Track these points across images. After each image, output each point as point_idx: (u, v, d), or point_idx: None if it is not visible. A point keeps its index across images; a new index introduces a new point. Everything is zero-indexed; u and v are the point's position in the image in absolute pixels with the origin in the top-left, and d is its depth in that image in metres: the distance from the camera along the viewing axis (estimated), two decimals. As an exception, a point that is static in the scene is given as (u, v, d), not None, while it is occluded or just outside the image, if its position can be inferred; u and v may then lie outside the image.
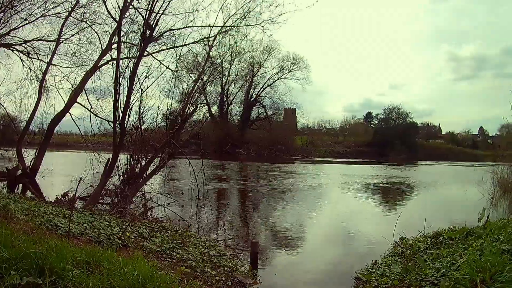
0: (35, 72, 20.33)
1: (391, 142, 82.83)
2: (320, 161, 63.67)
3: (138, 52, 14.56)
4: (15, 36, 20.08)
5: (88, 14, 19.38)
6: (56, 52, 19.65)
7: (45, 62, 19.88)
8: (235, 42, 18.39)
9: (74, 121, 18.40)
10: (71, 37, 20.27)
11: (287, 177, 35.77)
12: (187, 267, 7.46)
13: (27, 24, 19.66)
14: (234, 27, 16.19)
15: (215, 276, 7.65)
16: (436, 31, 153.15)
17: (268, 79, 79.25)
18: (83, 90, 18.33)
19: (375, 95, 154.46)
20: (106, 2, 15.24)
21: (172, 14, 15.11)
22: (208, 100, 40.02)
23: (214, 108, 74.62)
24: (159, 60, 16.20)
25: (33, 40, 20.24)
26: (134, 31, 15.27)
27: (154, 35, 14.71)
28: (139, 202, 15.42)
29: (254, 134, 79.70)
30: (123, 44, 14.90)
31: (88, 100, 18.11)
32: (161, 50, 16.51)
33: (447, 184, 35.26)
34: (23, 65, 20.59)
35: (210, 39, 16.15)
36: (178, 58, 16.46)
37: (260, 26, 15.88)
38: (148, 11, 14.11)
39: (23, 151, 18.57)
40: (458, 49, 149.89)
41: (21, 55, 20.54)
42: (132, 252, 7.11)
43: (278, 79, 79.40)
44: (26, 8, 19.24)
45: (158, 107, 15.78)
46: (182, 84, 16.81)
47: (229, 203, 21.06)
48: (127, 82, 14.12)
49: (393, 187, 29.99)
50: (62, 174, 23.31)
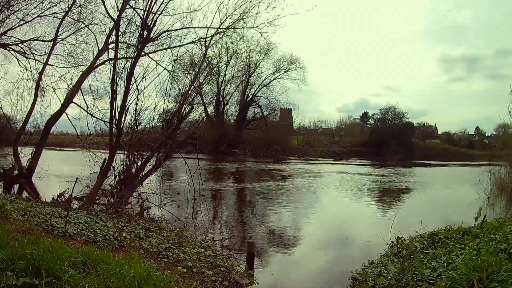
0: (31, 72, 20.37)
1: (387, 142, 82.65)
2: (317, 161, 63.61)
3: (135, 53, 14.56)
4: (12, 36, 20.14)
5: (85, 14, 19.45)
6: (53, 52, 19.71)
7: (41, 62, 19.93)
8: (232, 42, 18.44)
9: (71, 121, 18.44)
10: (67, 37, 20.34)
11: (283, 177, 35.78)
12: (184, 267, 7.46)
13: (23, 24, 19.70)
14: (231, 29, 16.20)
15: (212, 276, 7.66)
16: (434, 31, 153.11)
17: (264, 79, 78.92)
18: (80, 90, 18.35)
19: (370, 95, 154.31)
20: (105, 2, 15.25)
21: (169, 15, 15.13)
22: (204, 100, 40.00)
23: (210, 108, 74.47)
24: (155, 61, 16.22)
25: (29, 40, 20.27)
26: (131, 31, 15.31)
27: (152, 36, 14.71)
28: (135, 202, 15.41)
29: (250, 134, 79.45)
30: (120, 45, 14.92)
31: (85, 100, 18.15)
32: (157, 50, 16.53)
33: (444, 184, 35.32)
34: (20, 65, 20.63)
35: (207, 39, 16.16)
36: (175, 58, 16.48)
37: (257, 28, 15.89)
38: (146, 12, 14.12)
39: (19, 151, 18.57)
40: (455, 49, 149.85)
41: (17, 55, 20.60)
42: (129, 253, 7.13)
43: (274, 79, 79.07)
44: (22, 8, 19.28)
45: (155, 108, 15.80)
46: (178, 84, 16.85)
47: (225, 203, 21.06)
48: (124, 83, 14.13)
49: (389, 187, 30.00)
50: (59, 174, 23.28)
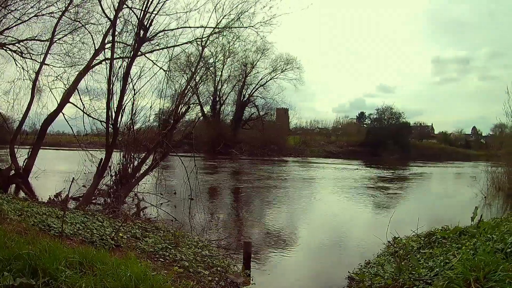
0: (28, 72, 20.34)
1: (384, 142, 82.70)
2: (313, 161, 63.66)
3: (131, 52, 14.56)
4: (9, 36, 20.08)
5: (82, 14, 19.45)
6: (49, 52, 19.69)
7: (38, 62, 19.90)
8: (228, 42, 18.46)
9: (67, 121, 18.43)
10: (64, 36, 20.32)
11: (280, 176, 35.80)
12: (180, 267, 7.47)
13: (20, 23, 19.65)
14: (228, 28, 16.23)
15: (208, 276, 7.65)
16: (432, 31, 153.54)
17: (261, 79, 78.93)
18: (76, 90, 18.34)
19: (366, 95, 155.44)
20: (101, 2, 15.23)
21: (166, 14, 15.15)
22: (201, 100, 40.07)
23: (207, 108, 74.45)
24: (152, 60, 16.23)
25: (26, 39, 20.24)
26: (127, 31, 15.30)
27: (148, 36, 14.71)
28: (131, 202, 15.42)
29: (246, 134, 79.45)
30: (116, 44, 14.90)
31: (81, 100, 18.13)
32: (154, 50, 16.54)
33: (440, 183, 35.42)
34: (16, 65, 20.60)
35: (203, 39, 16.18)
36: (171, 58, 16.49)
37: (253, 28, 15.92)
38: (143, 11, 14.12)
39: (16, 151, 18.54)
40: (448, 51, 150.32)
41: (14, 54, 20.55)
42: (125, 253, 7.12)
43: (271, 79, 79.03)
44: (19, 8, 19.23)
45: (151, 107, 15.81)
46: (174, 84, 16.87)
47: (221, 203, 21.05)
48: (120, 82, 14.13)
49: (385, 187, 30.05)
50: (55, 174, 23.26)
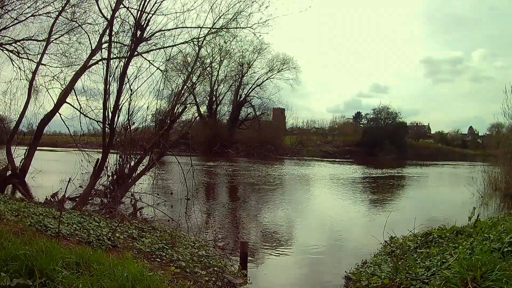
0: (25, 72, 20.33)
1: (381, 142, 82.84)
2: (309, 160, 63.72)
3: (128, 52, 14.54)
4: (5, 36, 20.05)
5: (79, 14, 19.43)
6: (46, 51, 19.68)
7: (35, 62, 19.89)
8: (225, 42, 18.44)
9: (64, 121, 18.38)
10: (61, 36, 20.30)
11: (276, 176, 35.83)
12: (177, 267, 7.46)
13: (17, 23, 19.62)
14: (224, 29, 16.22)
15: (205, 276, 7.65)
16: (426, 32, 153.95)
17: (257, 79, 79.10)
18: (73, 90, 18.31)
19: (360, 96, 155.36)
20: (98, 1, 15.22)
21: (162, 14, 15.12)
22: (197, 100, 39.92)
23: (203, 108, 74.61)
24: (149, 60, 16.19)
25: (23, 39, 20.22)
26: (124, 31, 15.28)
27: (145, 36, 14.69)
28: (128, 202, 15.40)
29: (243, 134, 79.62)
30: (113, 44, 14.89)
31: (78, 100, 18.09)
32: (151, 50, 16.50)
33: (437, 183, 35.46)
34: (13, 65, 20.58)
35: (200, 39, 16.16)
36: (168, 58, 16.46)
37: (250, 28, 15.91)
38: (140, 11, 14.10)
39: (12, 151, 18.51)
40: (446, 51, 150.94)
41: (11, 54, 20.51)
42: (122, 253, 7.12)
43: (267, 79, 79.26)
44: (16, 7, 19.20)
45: (148, 107, 15.76)
46: (171, 84, 16.86)
47: (218, 203, 21.03)
48: (117, 82, 14.11)
49: (382, 187, 30.12)
50: (52, 174, 23.22)
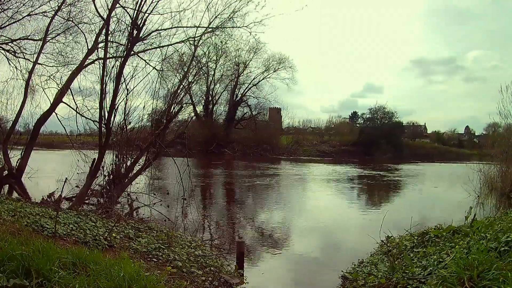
0: (21, 71, 20.23)
1: (377, 142, 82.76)
2: (306, 160, 63.79)
3: (124, 52, 14.52)
4: (1, 35, 19.98)
5: (75, 13, 19.34)
6: (42, 51, 19.56)
7: (31, 61, 19.78)
8: (221, 41, 18.45)
9: (60, 121, 18.35)
10: (57, 36, 20.23)
11: (273, 176, 35.88)
12: (173, 267, 7.46)
13: (13, 22, 19.54)
14: (220, 28, 16.23)
15: (202, 276, 7.66)
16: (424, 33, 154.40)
17: (254, 78, 78.94)
18: (69, 90, 18.28)
19: (356, 96, 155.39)
20: (95, 1, 15.18)
21: (159, 14, 15.10)
22: (194, 100, 40.02)
23: (200, 108, 74.48)
24: (145, 60, 16.20)
25: (19, 39, 20.14)
26: (120, 31, 15.24)
27: (141, 35, 14.68)
28: (124, 202, 15.39)
29: (239, 133, 79.55)
30: (109, 44, 14.86)
31: (74, 100, 18.03)
32: (147, 50, 16.49)
33: (433, 183, 35.52)
34: (9, 64, 20.50)
35: (196, 39, 16.17)
36: (164, 58, 16.47)
37: (246, 28, 15.91)
38: (136, 11, 14.08)
39: (9, 151, 18.47)
40: (441, 52, 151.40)
41: (7, 54, 20.45)
42: (118, 253, 7.12)
43: (263, 79, 79.06)
44: (12, 7, 19.12)
45: (144, 107, 15.78)
46: (167, 83, 16.87)
47: (214, 203, 21.07)
48: (113, 82, 14.10)
49: (378, 186, 30.17)
50: (49, 174, 23.19)
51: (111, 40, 15.18)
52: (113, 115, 14.06)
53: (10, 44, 20.16)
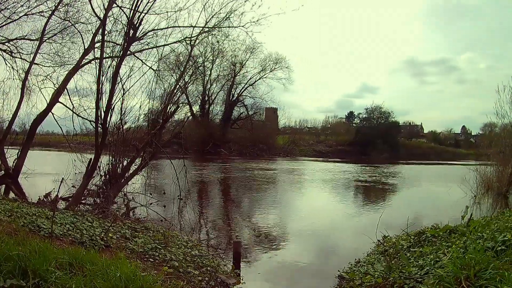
0: (17, 71, 20.26)
1: (373, 142, 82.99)
2: (302, 160, 63.82)
3: (121, 52, 14.49)
4: (-2, 35, 19.98)
5: (71, 13, 19.38)
6: (39, 51, 19.62)
7: (27, 61, 19.82)
8: (218, 41, 18.44)
9: (57, 121, 18.38)
10: (54, 36, 20.25)
11: (269, 176, 35.87)
12: (170, 267, 7.45)
13: (10, 22, 19.53)
14: (217, 28, 16.21)
15: (198, 276, 7.66)
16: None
17: (250, 78, 79.07)
18: (66, 90, 18.26)
19: (351, 96, 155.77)
20: (91, 1, 15.16)
21: (155, 14, 15.08)
22: (190, 100, 39.95)
23: (196, 108, 74.48)
24: (141, 60, 16.17)
25: (16, 39, 20.14)
26: (117, 30, 15.22)
27: (138, 35, 14.64)
28: (121, 202, 15.37)
29: (235, 133, 79.68)
30: (106, 44, 14.84)
31: (70, 100, 18.04)
32: (143, 50, 16.46)
33: (430, 182, 35.58)
34: (6, 64, 20.52)
35: (192, 38, 16.14)
36: (160, 57, 16.43)
37: (243, 28, 15.90)
38: (132, 11, 14.05)
39: (5, 151, 18.45)
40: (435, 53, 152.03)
41: (4, 54, 20.44)
42: (115, 253, 7.11)
43: (260, 79, 79.23)
44: (9, 7, 19.11)
45: (140, 107, 15.72)
46: (164, 83, 16.82)
47: (211, 203, 21.04)
48: (109, 82, 14.07)
49: (375, 186, 30.16)
50: (45, 174, 23.15)
51: (108, 40, 15.17)
52: (109, 115, 14.02)
53: (7, 44, 20.16)
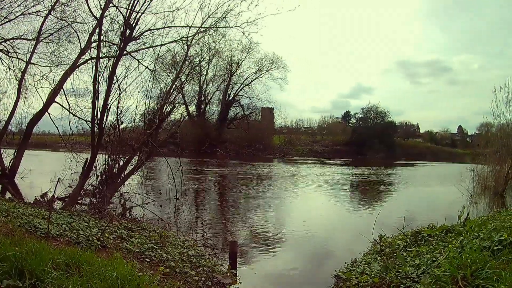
0: (14, 71, 20.16)
1: (369, 141, 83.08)
2: (298, 160, 63.86)
3: (117, 51, 14.47)
4: (-5, 35, 19.92)
5: (68, 13, 19.31)
6: (36, 51, 19.52)
7: (24, 61, 19.73)
8: (214, 41, 18.42)
9: (53, 121, 18.34)
10: (50, 35, 20.18)
11: (265, 176, 35.90)
12: (166, 267, 7.45)
13: (7, 22, 19.47)
14: (213, 28, 16.20)
15: (195, 276, 7.67)
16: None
17: (246, 78, 79.05)
18: (62, 90, 18.25)
19: (348, 96, 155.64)
20: (88, 0, 15.13)
21: (152, 13, 15.06)
22: (186, 100, 40.00)
23: (192, 108, 74.31)
24: (138, 60, 16.14)
25: (12, 38, 20.08)
26: (113, 30, 15.20)
27: (134, 35, 14.63)
28: (117, 202, 15.35)
29: (231, 133, 79.69)
30: (102, 43, 14.81)
31: (67, 100, 18.03)
32: (140, 49, 16.43)
33: (426, 182, 35.64)
34: (2, 64, 20.44)
35: (188, 38, 16.14)
36: (156, 57, 16.43)
37: (239, 28, 15.89)
38: (129, 11, 14.03)
39: (1, 152, 18.41)
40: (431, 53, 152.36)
41: (0, 54, 20.38)
42: (111, 253, 7.09)
43: (256, 79, 79.20)
44: (6, 6, 19.05)
45: (136, 107, 15.72)
46: (160, 83, 16.81)
47: (207, 203, 21.06)
48: (106, 82, 14.05)
49: (371, 186, 30.23)
50: (41, 174, 23.11)
51: (104, 39, 15.14)
52: (105, 115, 14.00)
53: (3, 43, 20.09)
